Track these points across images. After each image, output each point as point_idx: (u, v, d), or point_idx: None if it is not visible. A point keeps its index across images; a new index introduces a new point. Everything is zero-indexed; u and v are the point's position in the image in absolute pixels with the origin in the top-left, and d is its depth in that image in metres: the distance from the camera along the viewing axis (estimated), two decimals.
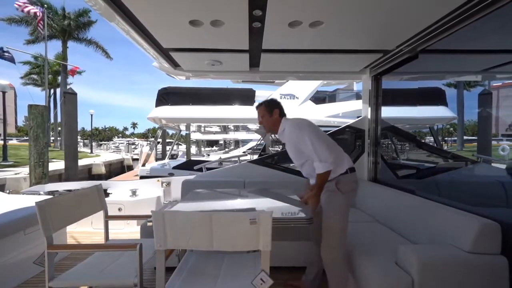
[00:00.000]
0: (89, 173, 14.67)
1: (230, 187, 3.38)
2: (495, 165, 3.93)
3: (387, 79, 3.51)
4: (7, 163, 12.38)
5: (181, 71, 3.50)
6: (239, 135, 19.23)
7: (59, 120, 28.70)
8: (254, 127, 14.24)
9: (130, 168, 18.45)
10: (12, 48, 19.61)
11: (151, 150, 10.32)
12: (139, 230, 2.81)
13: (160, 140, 13.33)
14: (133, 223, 3.99)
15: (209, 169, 5.53)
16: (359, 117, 3.85)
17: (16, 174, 9.39)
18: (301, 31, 2.25)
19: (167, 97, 9.63)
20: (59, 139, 26.38)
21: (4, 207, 2.76)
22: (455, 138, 7.10)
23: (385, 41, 2.55)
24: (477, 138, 4.45)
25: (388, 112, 3.69)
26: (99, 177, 14.84)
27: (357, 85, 11.52)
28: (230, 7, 1.90)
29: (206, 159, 12.20)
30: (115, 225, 3.60)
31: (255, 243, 1.44)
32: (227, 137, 20.40)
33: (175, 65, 3.35)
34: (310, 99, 10.80)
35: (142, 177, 7.88)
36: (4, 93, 12.48)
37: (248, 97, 9.99)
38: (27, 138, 7.40)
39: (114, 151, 29.87)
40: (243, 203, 2.60)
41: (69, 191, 4.36)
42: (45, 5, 23.15)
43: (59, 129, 26.80)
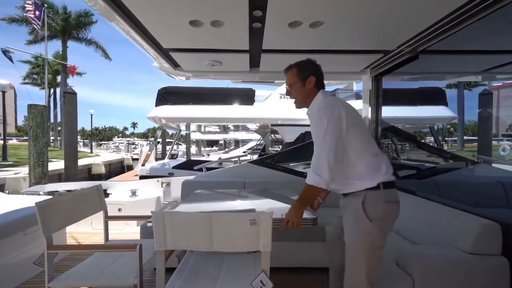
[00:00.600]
0: (89, 173, 14.67)
1: (230, 187, 3.37)
2: (495, 165, 3.93)
3: (388, 79, 3.51)
4: (7, 162, 12.38)
5: (181, 71, 3.50)
6: (239, 135, 19.26)
7: (59, 119, 28.71)
8: (254, 127, 14.24)
9: (130, 168, 18.46)
10: (12, 47, 19.64)
11: (150, 150, 10.30)
12: (139, 230, 2.81)
13: (160, 140, 13.32)
14: (133, 224, 3.99)
15: (209, 169, 5.53)
16: None
17: (15, 173, 9.39)
18: (301, 31, 2.25)
19: (167, 96, 9.63)
20: (59, 138, 26.39)
21: (3, 207, 2.76)
22: (456, 138, 7.11)
23: (385, 41, 2.54)
24: (477, 138, 4.46)
25: (388, 112, 3.67)
26: (99, 177, 14.84)
27: (357, 85, 11.50)
28: (230, 7, 1.89)
29: (206, 159, 12.21)
30: (115, 225, 3.59)
31: (255, 244, 1.44)
32: (227, 137, 20.43)
33: (175, 65, 3.35)
34: None
35: (142, 177, 7.88)
36: (4, 92, 12.48)
37: (247, 97, 9.99)
38: (27, 137, 7.39)
39: (114, 151, 29.89)
40: (243, 203, 2.60)
41: (69, 191, 4.36)
42: (45, 5, 23.15)
43: (59, 128, 26.80)
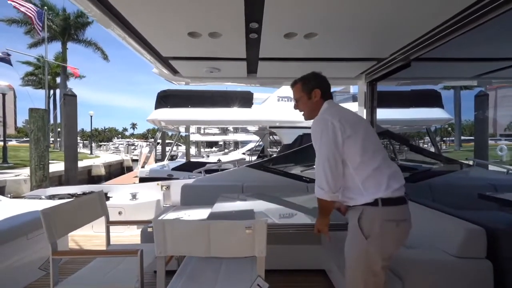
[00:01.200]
0: (88, 175, 14.73)
1: (228, 191, 3.43)
2: (490, 167, 3.99)
3: (383, 84, 3.58)
4: (7, 164, 12.41)
5: (180, 77, 3.57)
6: (238, 137, 19.34)
7: (58, 121, 28.75)
8: (252, 129, 14.31)
9: (129, 169, 18.50)
10: (12, 50, 19.67)
11: (150, 152, 10.36)
12: (139, 233, 2.87)
13: (159, 141, 13.38)
14: (134, 227, 4.05)
15: (208, 172, 5.60)
16: None
17: (16, 176, 9.44)
18: (296, 41, 2.32)
19: (166, 99, 9.69)
20: (58, 140, 26.42)
21: (7, 212, 2.82)
22: (453, 138, 7.19)
23: (378, 50, 2.62)
24: (474, 138, 4.52)
25: (385, 114, 3.72)
26: (98, 178, 14.90)
27: (354, 88, 11.57)
28: (227, 20, 1.97)
29: (205, 160, 12.28)
30: (116, 228, 3.68)
31: (251, 250, 1.51)
32: (227, 138, 20.52)
33: (174, 71, 3.42)
34: None
35: (141, 178, 7.93)
36: (4, 95, 12.53)
37: (246, 100, 10.06)
38: (27, 139, 7.46)
39: (113, 152, 29.94)
40: (241, 207, 2.67)
41: (71, 195, 4.43)
42: (45, 7, 23.18)
43: (59, 130, 26.84)
